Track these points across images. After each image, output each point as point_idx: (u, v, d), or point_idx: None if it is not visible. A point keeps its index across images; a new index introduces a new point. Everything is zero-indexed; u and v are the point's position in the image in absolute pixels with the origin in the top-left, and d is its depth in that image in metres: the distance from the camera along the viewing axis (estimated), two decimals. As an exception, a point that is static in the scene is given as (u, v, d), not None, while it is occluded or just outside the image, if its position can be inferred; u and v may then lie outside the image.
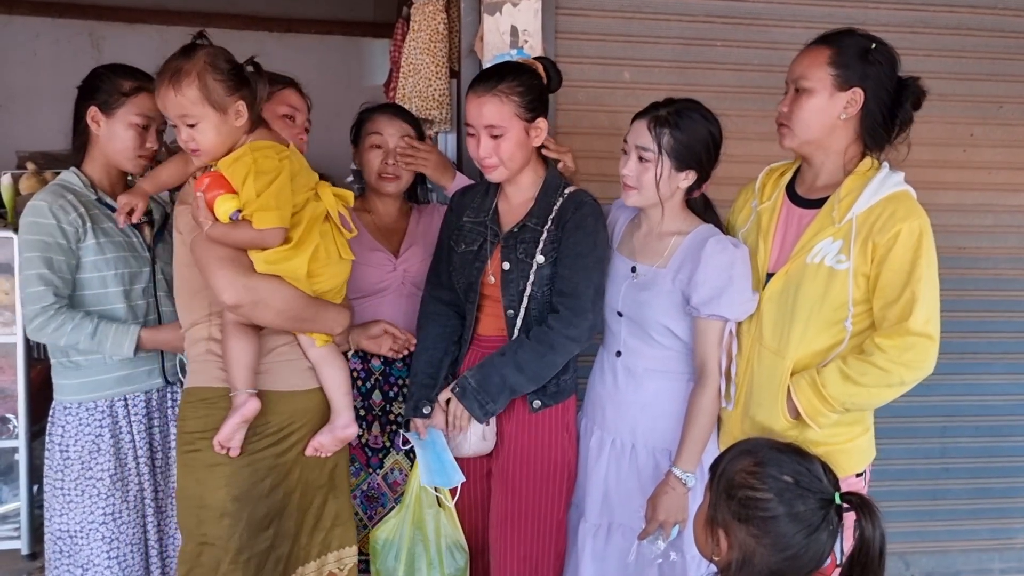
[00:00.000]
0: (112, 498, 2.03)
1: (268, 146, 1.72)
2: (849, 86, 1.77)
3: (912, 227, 1.73)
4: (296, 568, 1.87)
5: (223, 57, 1.71)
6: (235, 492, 1.74)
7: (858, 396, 1.76)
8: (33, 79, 5.60)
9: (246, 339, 1.74)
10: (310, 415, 1.84)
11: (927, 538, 3.04)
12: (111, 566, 2.02)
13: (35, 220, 1.96)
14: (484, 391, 1.89)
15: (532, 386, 1.92)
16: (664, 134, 1.85)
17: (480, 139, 1.91)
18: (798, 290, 1.79)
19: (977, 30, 2.89)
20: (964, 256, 2.93)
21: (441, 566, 2.01)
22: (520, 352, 1.89)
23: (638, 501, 1.92)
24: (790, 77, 1.85)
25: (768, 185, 1.96)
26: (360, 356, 2.22)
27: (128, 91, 1.99)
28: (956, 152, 2.93)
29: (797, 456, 1.34)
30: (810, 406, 1.77)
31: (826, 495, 1.30)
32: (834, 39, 1.81)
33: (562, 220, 1.93)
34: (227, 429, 1.71)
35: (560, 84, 2.04)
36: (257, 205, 1.64)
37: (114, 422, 2.04)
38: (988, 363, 2.99)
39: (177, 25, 5.76)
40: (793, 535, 1.27)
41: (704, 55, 2.77)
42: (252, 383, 1.74)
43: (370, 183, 2.29)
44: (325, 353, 1.85)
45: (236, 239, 1.68)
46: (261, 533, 1.77)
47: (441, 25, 2.79)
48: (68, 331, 1.95)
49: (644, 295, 1.91)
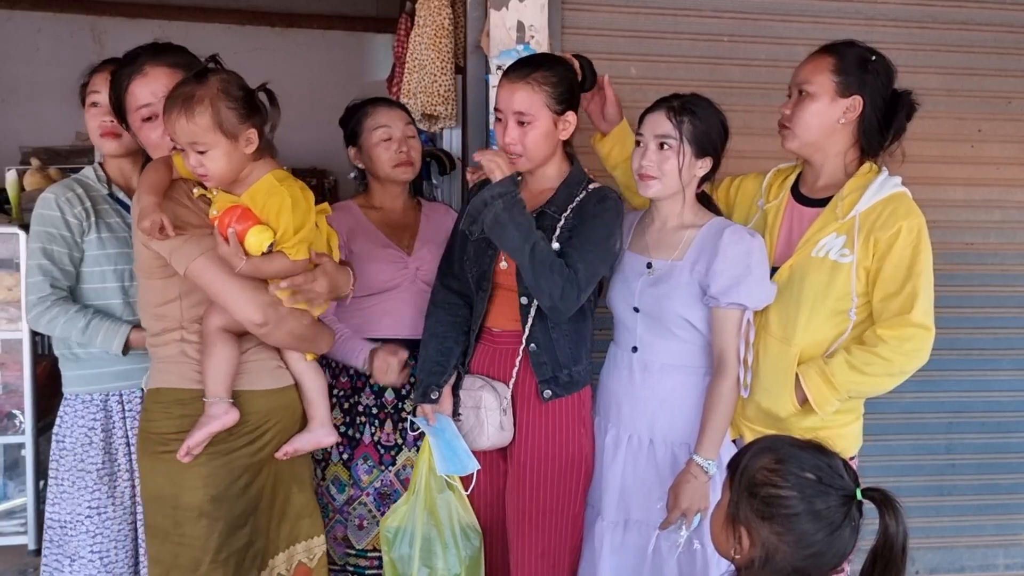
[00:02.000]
0: (98, 492, 2.02)
1: (288, 176, 1.76)
2: (849, 93, 1.88)
3: (912, 224, 1.85)
4: (267, 561, 1.88)
5: (236, 83, 1.69)
6: (212, 492, 1.73)
7: (863, 384, 1.88)
8: (35, 74, 5.60)
9: (230, 347, 1.74)
10: (283, 413, 1.85)
11: (932, 534, 3.03)
12: (93, 560, 2.02)
13: (41, 212, 1.99)
14: (480, 202, 1.84)
15: (515, 242, 1.83)
16: (684, 121, 1.89)
17: (507, 125, 1.91)
18: (803, 281, 1.90)
19: (985, 25, 2.87)
20: (971, 252, 2.92)
21: (457, 549, 2.01)
22: (533, 234, 1.83)
23: (657, 494, 1.93)
24: (794, 81, 1.95)
25: (775, 186, 2.04)
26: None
27: (86, 80, 2.03)
28: (964, 148, 2.91)
29: (818, 452, 1.33)
30: (819, 394, 1.87)
31: (848, 491, 1.29)
32: (836, 49, 1.92)
33: (582, 211, 1.93)
34: (201, 436, 1.70)
35: (594, 84, 2.06)
36: (298, 238, 1.69)
37: (107, 417, 2.04)
38: (995, 359, 2.99)
39: (178, 20, 5.76)
40: (816, 532, 1.27)
41: (711, 51, 2.76)
42: (230, 392, 1.74)
43: (383, 175, 2.27)
44: (307, 366, 1.89)
45: (269, 271, 1.71)
46: (239, 531, 1.78)
47: (447, 20, 2.78)
48: (61, 323, 1.96)
49: (661, 288, 1.92)
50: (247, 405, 1.78)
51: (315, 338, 1.86)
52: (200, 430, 1.70)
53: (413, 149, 2.27)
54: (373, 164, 2.27)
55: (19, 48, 5.68)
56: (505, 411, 1.95)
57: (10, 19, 5.63)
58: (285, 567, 1.91)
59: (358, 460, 2.22)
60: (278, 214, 1.68)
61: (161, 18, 5.73)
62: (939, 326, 1.91)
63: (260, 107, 1.71)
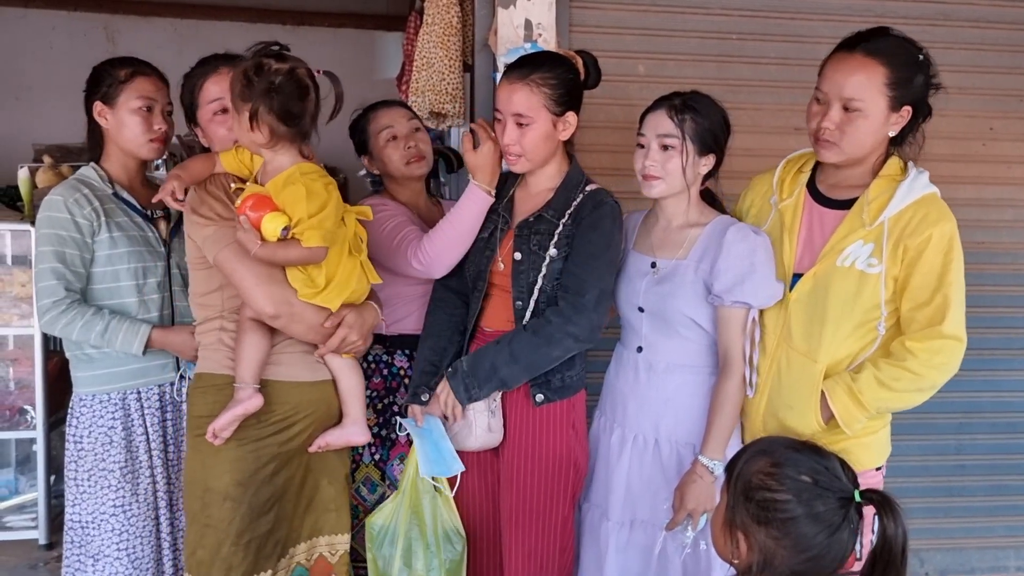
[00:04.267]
0: (122, 491, 2.04)
1: (314, 170, 1.80)
2: (902, 105, 1.75)
3: (943, 231, 1.74)
4: (288, 549, 1.91)
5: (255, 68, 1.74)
6: (238, 477, 1.79)
7: (891, 401, 1.79)
8: (49, 72, 5.63)
9: (260, 336, 1.80)
10: (315, 406, 1.89)
11: (942, 535, 3.02)
12: (120, 558, 2.04)
13: (50, 214, 1.99)
14: (472, 375, 1.90)
15: (525, 377, 1.91)
16: (686, 120, 1.87)
17: (506, 126, 1.91)
18: (828, 292, 1.79)
19: (997, 23, 2.85)
20: (983, 251, 2.90)
21: (439, 552, 2.01)
22: (515, 342, 1.89)
23: (663, 495, 1.92)
24: (836, 92, 1.74)
25: (787, 180, 1.94)
26: (387, 355, 2.23)
27: (125, 78, 2.03)
28: (975, 146, 2.89)
29: (814, 454, 1.31)
30: (846, 412, 1.78)
31: (846, 493, 1.28)
32: (883, 52, 1.73)
33: (579, 217, 1.92)
34: (226, 419, 1.76)
35: (599, 81, 2.03)
36: (308, 224, 1.72)
37: (126, 415, 2.05)
38: (1006, 359, 2.96)
39: (191, 18, 5.78)
40: (814, 536, 1.25)
41: (720, 48, 2.75)
42: (258, 379, 1.80)
43: (398, 174, 2.27)
44: (344, 364, 1.92)
45: (284, 257, 1.74)
46: (262, 517, 1.82)
47: (455, 18, 2.78)
48: (78, 327, 1.97)
49: (666, 287, 1.91)
50: (278, 395, 1.83)
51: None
52: (226, 413, 1.76)
53: (421, 142, 2.27)
54: (386, 166, 2.27)
55: (33, 46, 5.72)
56: (493, 413, 1.94)
57: (24, 17, 5.67)
58: (305, 557, 1.94)
59: (394, 460, 2.22)
60: (294, 203, 1.73)
61: (174, 16, 5.76)
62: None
63: (265, 91, 1.71)
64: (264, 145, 1.77)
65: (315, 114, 1.80)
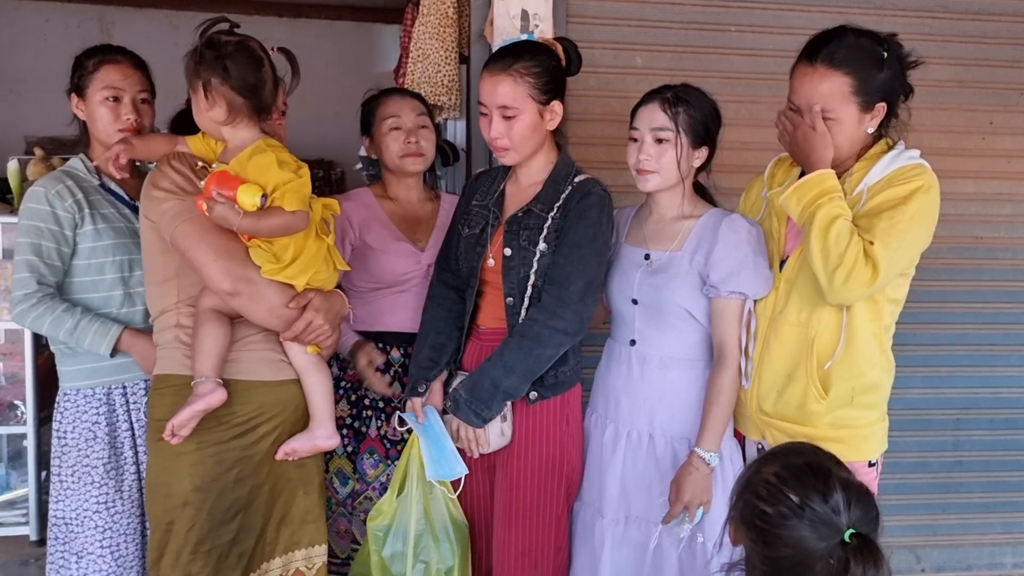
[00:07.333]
0: (106, 487, 2.00)
1: (279, 145, 1.77)
2: (874, 104, 1.74)
3: (917, 183, 1.69)
4: (260, 564, 1.83)
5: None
6: (197, 482, 1.72)
7: (812, 238, 1.69)
8: (42, 64, 5.59)
9: (219, 327, 1.72)
10: (280, 408, 1.81)
11: (939, 532, 3.01)
12: (104, 555, 2.00)
13: (30, 206, 1.96)
14: (476, 399, 1.86)
15: (527, 383, 1.88)
16: (679, 112, 1.86)
17: (492, 119, 1.88)
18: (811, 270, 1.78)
19: (998, 15, 2.83)
20: (981, 246, 2.89)
21: (450, 542, 1.99)
22: (506, 352, 1.86)
23: (658, 490, 1.91)
24: (806, 105, 1.74)
25: (779, 173, 1.96)
26: (381, 347, 2.20)
27: (92, 68, 2.00)
28: (975, 140, 2.88)
29: (823, 481, 1.23)
30: (793, 193, 1.72)
31: (836, 529, 1.21)
32: (846, 60, 1.70)
33: (567, 209, 1.89)
34: (185, 415, 1.67)
35: (580, 67, 1.99)
36: (286, 188, 1.67)
37: (111, 410, 2.02)
38: (1004, 355, 2.95)
39: (186, 10, 5.73)
40: (786, 557, 1.22)
41: (718, 40, 2.73)
42: (219, 372, 1.71)
43: (393, 166, 2.25)
44: (310, 361, 1.83)
45: (267, 225, 1.68)
46: (224, 526, 1.75)
47: (450, 9, 2.75)
48: (48, 322, 1.93)
49: (660, 278, 1.90)
50: (240, 395, 1.75)
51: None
52: (185, 408, 1.68)
53: (424, 139, 2.24)
54: (383, 153, 2.25)
55: (27, 38, 5.68)
56: (505, 418, 1.91)
57: (18, 9, 5.64)
58: (280, 573, 1.87)
59: (364, 454, 2.20)
60: (265, 170, 1.68)
61: (168, 7, 5.72)
62: (947, 321, 1.89)
63: (217, 61, 1.69)
64: (223, 122, 1.71)
65: (273, 90, 1.76)
